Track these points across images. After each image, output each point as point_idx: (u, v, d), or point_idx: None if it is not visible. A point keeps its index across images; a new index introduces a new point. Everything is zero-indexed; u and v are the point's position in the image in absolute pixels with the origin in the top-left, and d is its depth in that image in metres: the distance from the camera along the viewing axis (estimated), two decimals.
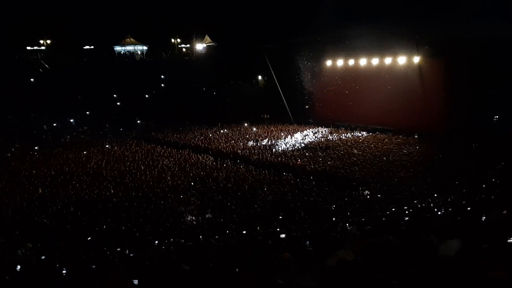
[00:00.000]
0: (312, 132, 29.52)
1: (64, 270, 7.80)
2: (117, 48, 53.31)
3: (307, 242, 7.94)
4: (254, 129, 31.19)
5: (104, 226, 12.91)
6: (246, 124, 33.12)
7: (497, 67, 21.74)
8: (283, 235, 9.90)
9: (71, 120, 35.75)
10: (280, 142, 26.07)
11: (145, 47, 54.32)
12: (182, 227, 12.95)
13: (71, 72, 40.74)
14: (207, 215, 13.97)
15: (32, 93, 37.33)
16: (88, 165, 21.75)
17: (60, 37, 48.90)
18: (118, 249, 10.62)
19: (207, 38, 54.58)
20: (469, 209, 9.67)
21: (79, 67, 42.78)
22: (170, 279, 5.70)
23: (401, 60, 27.86)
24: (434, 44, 25.69)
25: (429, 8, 23.96)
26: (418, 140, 24.71)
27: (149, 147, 26.45)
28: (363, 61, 30.48)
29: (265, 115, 37.19)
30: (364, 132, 28.27)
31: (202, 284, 5.33)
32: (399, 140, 25.02)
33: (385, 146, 23.31)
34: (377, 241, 5.24)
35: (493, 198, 11.06)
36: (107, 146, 26.81)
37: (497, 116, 23.12)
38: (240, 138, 27.42)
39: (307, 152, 22.72)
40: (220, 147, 24.94)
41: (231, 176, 18.63)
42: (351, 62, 31.59)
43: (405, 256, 4.51)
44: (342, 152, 22.05)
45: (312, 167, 19.37)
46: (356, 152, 22.09)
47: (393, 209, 12.99)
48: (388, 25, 24.67)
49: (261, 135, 28.36)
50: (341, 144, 24.61)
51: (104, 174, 19.67)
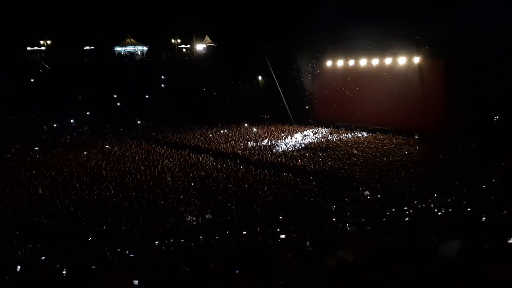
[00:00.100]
0: (312, 132, 29.50)
1: (64, 270, 7.80)
2: (117, 49, 53.34)
3: (307, 242, 7.94)
4: (254, 129, 31.16)
5: (104, 226, 12.91)
6: (246, 125, 33.11)
7: (497, 67, 21.75)
8: (283, 236, 9.89)
9: (71, 121, 35.75)
10: (280, 142, 26.05)
11: (145, 48, 54.35)
12: (182, 228, 12.95)
13: (71, 73, 40.72)
14: (207, 216, 13.97)
15: (32, 93, 37.34)
16: (88, 165, 21.74)
17: (60, 37, 48.92)
18: (118, 249, 10.61)
19: (207, 38, 54.57)
20: (469, 209, 9.66)
21: (79, 68, 42.74)
22: (170, 280, 5.70)
23: (401, 60, 27.84)
24: (434, 44, 25.67)
25: (429, 9, 23.95)
26: (418, 140, 24.70)
27: (149, 147, 26.43)
28: (363, 62, 30.45)
29: (265, 116, 37.15)
30: (364, 133, 28.25)
31: (202, 284, 5.33)
32: (399, 140, 25.01)
33: (385, 147, 23.31)
34: (377, 241, 5.24)
35: (493, 199, 11.06)
36: (107, 146, 26.79)
37: (497, 117, 23.12)
38: (240, 139, 27.41)
39: (307, 153, 22.71)
40: (220, 147, 24.93)
41: (231, 177, 18.62)
42: (351, 62, 31.56)
43: (405, 257, 4.51)
44: (342, 153, 22.04)
45: (312, 167, 19.36)
46: (356, 152, 22.07)
47: (393, 210, 12.99)
48: (388, 25, 24.65)
49: (261, 136, 28.34)
50: (341, 144, 24.60)
51: (104, 175, 19.67)
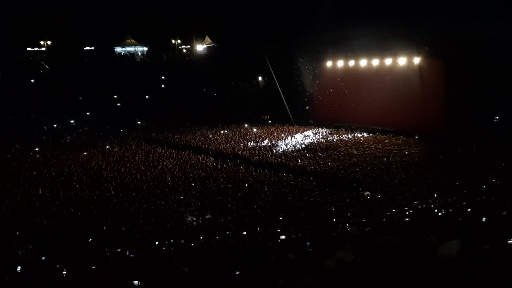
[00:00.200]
0: (313, 133, 29.50)
1: (64, 270, 7.80)
2: (118, 49, 53.40)
3: (308, 243, 7.94)
4: (255, 130, 31.15)
5: (104, 226, 12.91)
6: (246, 125, 33.11)
7: (498, 67, 21.72)
8: (283, 237, 9.89)
9: (72, 121, 35.76)
10: (280, 143, 26.04)
11: (145, 48, 54.40)
12: (182, 228, 12.95)
13: (71, 73, 40.77)
14: (207, 216, 13.96)
15: (33, 93, 37.39)
16: (88, 166, 21.75)
17: (61, 38, 48.98)
18: (118, 249, 10.61)
19: (207, 39, 54.58)
20: (469, 210, 9.65)
21: (80, 68, 42.80)
22: (170, 280, 5.70)
23: (401, 61, 27.83)
24: (434, 45, 25.65)
25: (429, 9, 23.95)
26: (419, 141, 24.67)
27: (149, 147, 26.43)
28: (363, 62, 30.44)
29: (265, 116, 37.15)
30: (364, 133, 28.23)
31: (202, 285, 5.33)
32: (400, 141, 25.00)
33: (386, 147, 23.29)
34: (377, 241, 5.24)
35: (493, 199, 11.05)
36: (107, 147, 26.78)
37: (498, 117, 23.11)
38: (241, 139, 27.40)
39: (307, 153, 22.70)
40: (220, 148, 24.93)
41: (231, 177, 18.62)
42: (351, 63, 31.55)
43: (405, 257, 4.51)
44: (342, 153, 22.03)
45: (313, 168, 19.35)
46: (356, 153, 22.07)
47: (394, 210, 12.98)
48: (388, 25, 24.63)
49: (261, 136, 28.35)
50: (342, 145, 24.58)
51: (104, 175, 19.67)
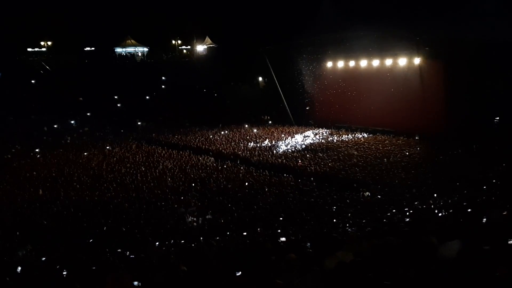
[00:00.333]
0: (313, 133, 29.51)
1: (64, 271, 7.80)
2: (118, 50, 53.45)
3: (308, 243, 7.93)
4: (255, 130, 31.17)
5: (105, 227, 12.90)
6: (246, 126, 33.13)
7: (498, 68, 21.71)
8: (283, 239, 9.88)
9: (72, 122, 35.81)
10: (280, 143, 26.06)
11: (145, 49, 54.46)
12: (182, 229, 12.94)
13: (71, 74, 40.81)
14: (207, 216, 13.96)
15: (33, 94, 37.42)
16: (89, 166, 21.78)
17: (61, 38, 49.05)
18: (119, 250, 10.61)
19: (207, 39, 54.61)
20: (470, 210, 9.64)
21: (80, 69, 42.84)
22: (170, 281, 5.70)
23: (402, 61, 27.85)
24: (434, 45, 25.65)
25: (429, 10, 23.95)
26: (419, 141, 24.68)
27: (149, 148, 26.45)
28: (363, 63, 30.45)
29: (266, 117, 37.17)
30: (364, 134, 28.24)
31: (202, 285, 5.32)
32: (400, 141, 25.00)
33: (386, 148, 23.29)
34: (378, 242, 5.24)
35: (494, 200, 11.04)
36: (108, 147, 26.81)
37: (498, 117, 23.10)
38: (241, 140, 27.41)
39: (307, 154, 22.70)
40: (220, 148, 24.94)
41: (232, 178, 18.63)
42: (351, 63, 31.56)
43: (405, 257, 4.50)
44: (342, 154, 22.03)
45: (313, 168, 19.35)
46: (356, 153, 22.06)
47: (394, 211, 12.97)
48: (388, 26, 24.65)
49: (261, 137, 28.35)
50: (342, 145, 24.59)
51: (105, 176, 19.69)
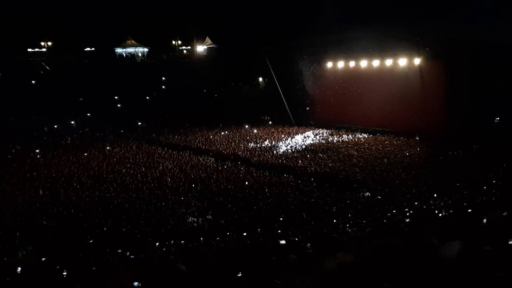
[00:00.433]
0: (313, 134, 29.50)
1: (64, 271, 7.80)
2: (118, 50, 53.47)
3: (308, 244, 7.92)
4: (255, 131, 31.16)
5: (105, 228, 12.89)
6: (246, 126, 33.12)
7: (498, 68, 21.71)
8: (283, 241, 9.86)
9: (72, 122, 35.81)
10: (280, 144, 26.05)
11: (145, 49, 54.46)
12: (182, 229, 12.93)
13: (72, 74, 40.87)
14: (208, 217, 13.95)
15: (33, 94, 37.45)
16: (89, 167, 21.76)
17: (61, 39, 49.07)
18: (119, 251, 10.60)
19: (207, 40, 54.61)
20: (470, 211, 9.64)
21: (80, 69, 42.88)
22: (170, 281, 5.69)
23: (402, 62, 27.82)
24: (435, 46, 25.65)
25: (429, 10, 23.96)
26: (419, 142, 24.67)
27: (149, 149, 26.44)
28: (363, 63, 30.43)
29: (266, 117, 37.17)
30: (365, 134, 28.23)
31: (202, 285, 5.32)
32: (400, 142, 24.99)
33: (386, 148, 23.28)
34: (378, 243, 5.23)
35: (494, 200, 11.03)
36: (108, 148, 26.81)
37: (498, 118, 23.10)
38: (241, 140, 27.40)
39: (307, 154, 22.69)
40: (220, 149, 24.93)
41: (232, 178, 18.62)
42: (351, 64, 31.54)
43: (406, 258, 4.50)
44: (342, 154, 22.03)
45: (313, 169, 19.34)
46: (356, 154, 22.06)
47: (394, 211, 12.96)
48: (388, 27, 24.66)
49: (261, 137, 28.35)
50: (342, 146, 24.58)
51: (105, 176, 19.68)
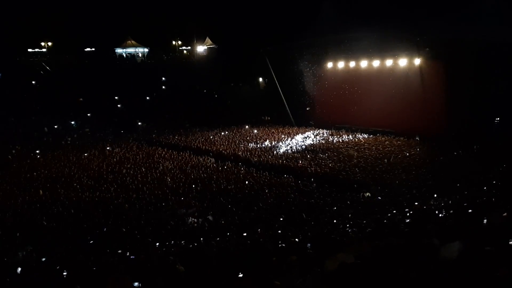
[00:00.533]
0: (313, 134, 29.50)
1: (64, 272, 7.80)
2: (118, 50, 53.55)
3: (308, 244, 7.92)
4: (255, 131, 31.16)
5: (105, 228, 12.89)
6: (247, 126, 33.12)
7: (498, 69, 21.71)
8: (284, 238, 9.87)
9: (72, 122, 35.81)
10: (281, 144, 26.05)
11: (146, 49, 54.52)
12: (182, 229, 12.93)
13: (72, 74, 40.88)
14: (208, 217, 13.94)
15: (33, 95, 37.48)
16: (89, 167, 21.77)
17: (61, 39, 49.14)
18: (119, 251, 10.60)
19: (208, 40, 54.67)
20: (470, 211, 9.63)
21: (80, 69, 42.89)
22: (170, 282, 5.69)
23: (402, 62, 27.83)
24: (435, 46, 25.67)
25: (430, 11, 23.97)
26: (419, 142, 24.67)
27: (150, 149, 26.44)
28: (364, 64, 30.44)
29: (266, 117, 37.16)
30: (365, 134, 28.23)
31: (202, 286, 5.32)
32: (400, 142, 24.99)
33: (386, 148, 23.28)
34: (379, 243, 5.23)
35: (494, 200, 11.02)
36: (108, 148, 26.81)
37: (498, 118, 23.09)
38: (241, 140, 27.41)
39: (308, 154, 22.69)
40: (221, 149, 24.93)
41: (232, 178, 18.61)
42: (352, 64, 31.54)
43: (406, 259, 4.49)
44: (343, 154, 22.02)
45: (313, 169, 19.34)
46: (356, 154, 22.06)
47: (394, 212, 12.96)
48: (388, 27, 24.67)
49: (262, 137, 28.35)
50: (342, 146, 24.58)
51: (105, 176, 19.68)
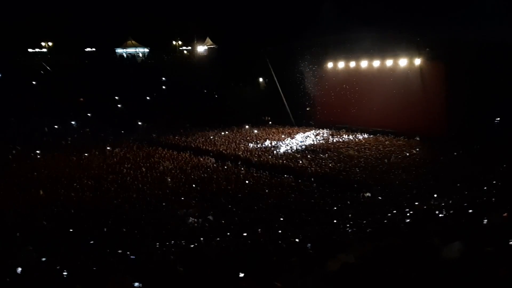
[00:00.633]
0: (313, 134, 29.48)
1: (65, 272, 7.79)
2: (119, 51, 53.56)
3: (308, 244, 7.92)
4: (255, 131, 31.16)
5: (105, 228, 12.89)
6: (247, 126, 33.12)
7: (499, 69, 21.70)
8: (284, 239, 9.87)
9: (72, 123, 35.79)
10: (281, 144, 26.05)
11: (146, 49, 54.55)
12: (183, 230, 12.93)
13: (72, 74, 40.81)
14: (208, 217, 13.94)
15: (33, 95, 37.42)
16: (89, 167, 21.77)
17: (62, 39, 49.15)
18: (119, 251, 10.59)
19: (208, 40, 54.69)
20: (471, 211, 9.62)
21: (81, 69, 42.86)
22: (170, 282, 5.69)
23: (402, 62, 27.79)
24: (435, 46, 25.65)
25: (430, 11, 23.98)
26: (420, 142, 24.64)
27: (150, 149, 26.44)
28: (364, 64, 30.40)
29: (266, 117, 37.16)
30: (365, 134, 28.20)
31: (202, 286, 5.31)
32: (400, 142, 24.95)
33: (386, 148, 23.27)
34: (379, 244, 5.23)
35: (495, 201, 11.02)
36: (108, 148, 26.80)
37: (498, 118, 23.08)
38: (241, 140, 27.41)
39: (308, 154, 22.69)
40: (221, 149, 24.93)
41: (232, 178, 18.62)
42: (352, 64, 31.51)
43: (407, 259, 4.49)
44: (343, 154, 22.02)
45: (313, 169, 19.34)
46: (356, 154, 22.06)
47: (395, 212, 12.95)
48: (389, 27, 24.66)
49: (262, 137, 28.35)
50: (342, 146, 24.58)
51: (105, 177, 19.68)
